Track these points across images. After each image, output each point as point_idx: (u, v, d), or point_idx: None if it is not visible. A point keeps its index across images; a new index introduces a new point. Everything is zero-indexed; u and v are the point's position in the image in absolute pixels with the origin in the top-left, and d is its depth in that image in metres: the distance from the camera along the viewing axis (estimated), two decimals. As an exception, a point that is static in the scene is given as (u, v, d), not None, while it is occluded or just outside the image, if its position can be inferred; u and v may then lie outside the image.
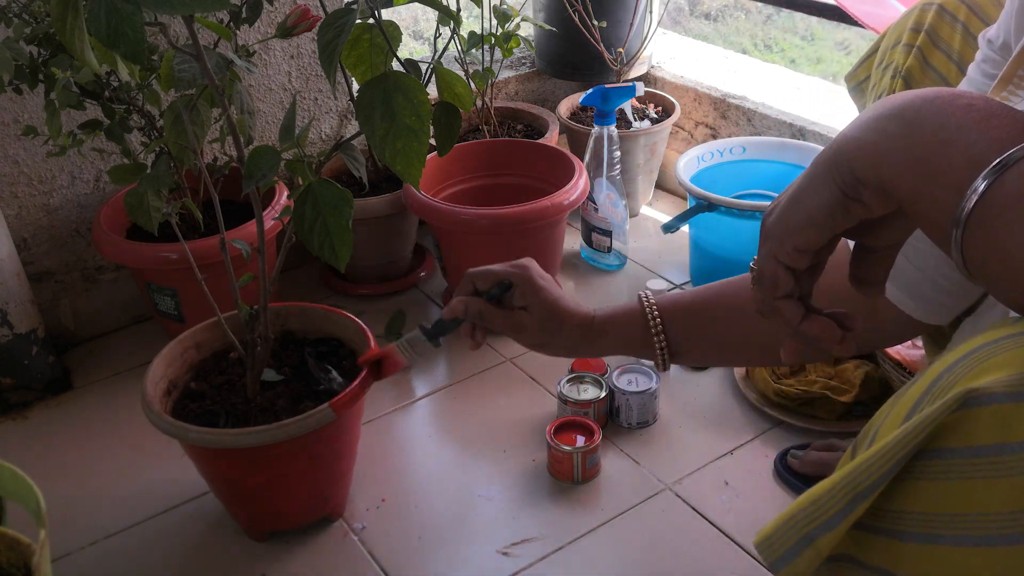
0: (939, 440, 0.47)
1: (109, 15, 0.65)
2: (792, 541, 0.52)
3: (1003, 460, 0.45)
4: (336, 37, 0.73)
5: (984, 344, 0.49)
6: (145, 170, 0.98)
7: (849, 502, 0.49)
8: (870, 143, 0.50)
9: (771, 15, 3.63)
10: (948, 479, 0.47)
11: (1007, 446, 0.45)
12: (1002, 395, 0.45)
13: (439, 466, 1.20)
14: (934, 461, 0.48)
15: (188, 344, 1.09)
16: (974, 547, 0.46)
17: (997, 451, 0.45)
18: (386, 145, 0.76)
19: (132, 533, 1.11)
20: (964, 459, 0.46)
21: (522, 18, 1.53)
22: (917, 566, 0.49)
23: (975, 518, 0.46)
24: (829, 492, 0.50)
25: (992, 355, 0.48)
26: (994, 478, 0.45)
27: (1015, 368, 0.46)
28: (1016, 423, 0.45)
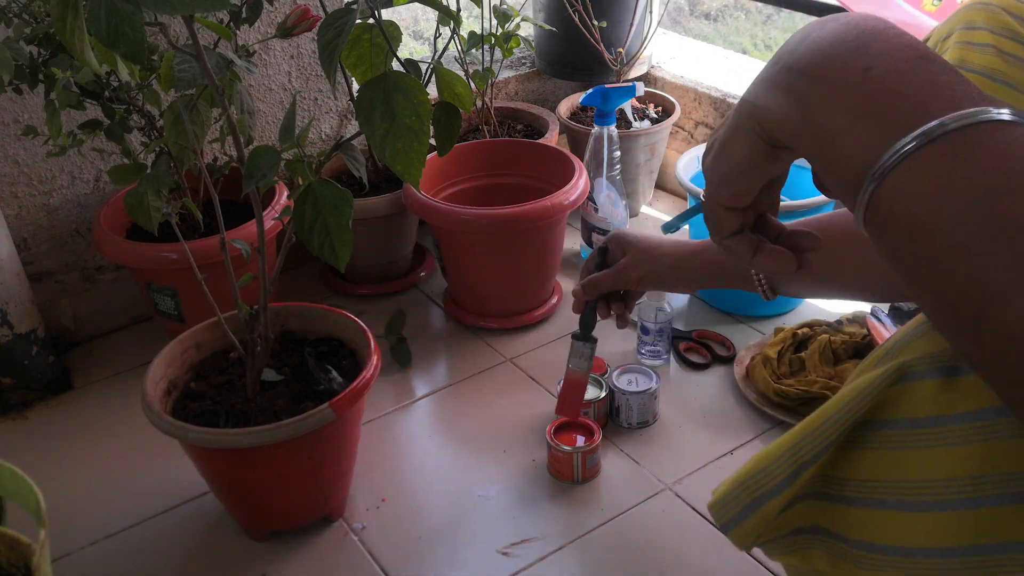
0: (881, 411, 0.50)
1: (109, 15, 0.65)
2: (741, 505, 0.55)
3: (939, 431, 0.47)
4: (336, 37, 0.73)
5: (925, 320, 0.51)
6: (145, 170, 0.98)
7: (794, 471, 0.52)
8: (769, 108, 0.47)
9: (771, 15, 3.63)
10: (891, 448, 0.49)
11: (942, 418, 0.47)
12: (932, 370, 0.48)
13: (439, 466, 1.20)
14: (879, 432, 0.50)
15: (188, 344, 1.09)
16: (915, 512, 0.48)
17: (932, 423, 0.48)
18: (386, 145, 0.76)
19: (132, 533, 1.11)
20: (904, 430, 0.49)
21: (522, 18, 1.53)
22: (866, 529, 0.51)
23: (913, 484, 0.48)
24: (776, 461, 0.53)
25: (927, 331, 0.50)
26: (930, 447, 0.47)
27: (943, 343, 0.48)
28: (946, 397, 0.47)
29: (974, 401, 0.46)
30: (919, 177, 0.39)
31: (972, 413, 0.46)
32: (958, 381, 0.47)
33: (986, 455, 0.46)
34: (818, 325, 1.31)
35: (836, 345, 1.25)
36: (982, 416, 0.46)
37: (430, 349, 1.42)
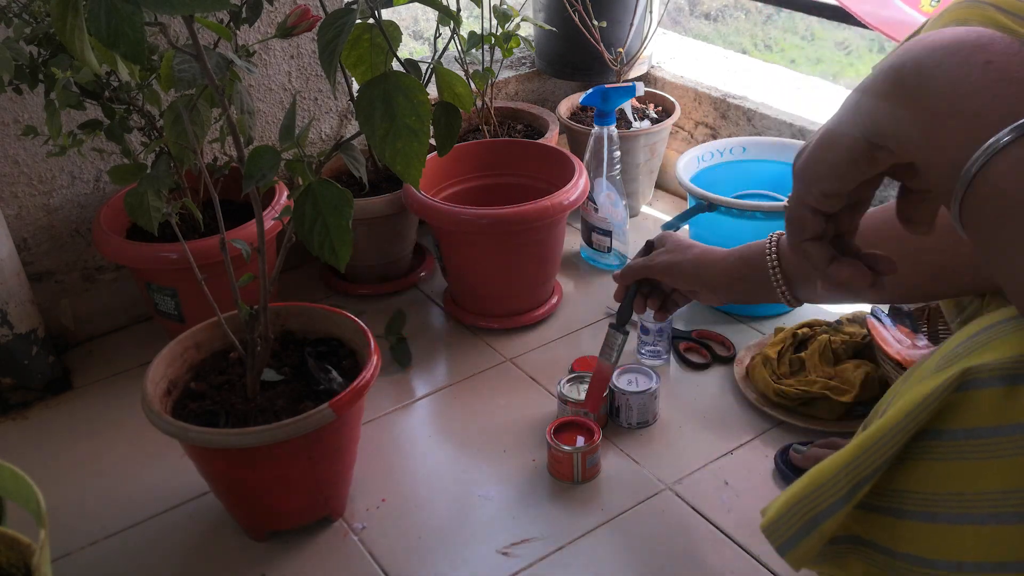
0: (937, 422, 0.48)
1: (109, 15, 0.65)
2: (797, 526, 0.53)
3: (996, 441, 0.46)
4: (336, 37, 0.73)
5: (988, 326, 0.50)
6: (145, 170, 0.98)
7: (852, 488, 0.50)
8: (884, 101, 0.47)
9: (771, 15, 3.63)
10: (946, 459, 0.48)
11: (1001, 428, 0.46)
12: (996, 379, 0.47)
13: (439, 466, 1.20)
14: (933, 442, 0.49)
15: (188, 344, 1.09)
16: (969, 525, 0.47)
17: (991, 433, 0.47)
18: (386, 145, 0.76)
19: (132, 533, 1.11)
20: (960, 440, 0.48)
21: (522, 18, 1.53)
22: (916, 543, 0.50)
23: (971, 497, 0.47)
24: (833, 478, 0.51)
25: (992, 338, 0.49)
26: (988, 459, 0.46)
27: (1011, 350, 0.47)
28: (1009, 406, 0.46)
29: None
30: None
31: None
32: (1021, 390, 0.46)
33: None
34: (818, 325, 1.31)
35: (836, 345, 1.25)
36: None
37: (430, 349, 1.42)
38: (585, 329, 1.44)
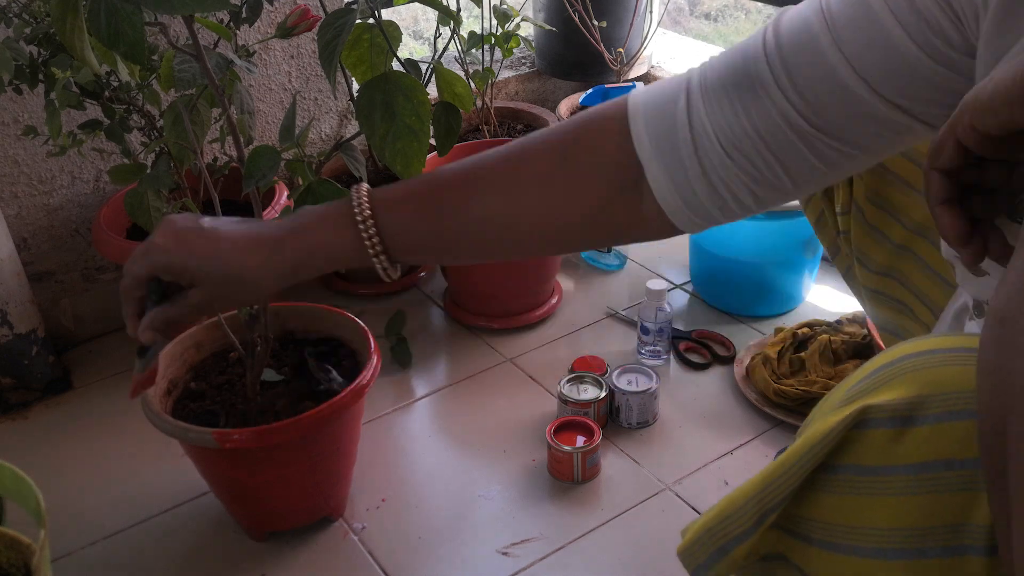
0: (835, 456, 0.50)
1: (109, 15, 0.65)
2: (708, 552, 0.56)
3: (883, 480, 0.48)
4: (336, 37, 0.73)
5: (887, 363, 0.51)
6: (145, 170, 0.98)
7: (759, 517, 0.53)
8: None
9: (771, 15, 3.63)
10: (841, 493, 0.50)
11: (886, 468, 0.48)
12: (887, 419, 0.48)
13: (439, 466, 1.20)
14: (831, 476, 0.51)
15: (188, 344, 1.09)
16: (861, 558, 0.49)
17: (878, 472, 0.48)
18: (386, 145, 0.76)
19: (132, 533, 1.11)
20: (852, 476, 0.50)
21: (522, 18, 1.53)
22: (821, 569, 0.52)
23: (863, 531, 0.49)
24: (742, 507, 0.54)
25: (890, 377, 0.50)
26: (875, 495, 0.48)
27: (908, 391, 0.48)
28: (895, 448, 0.48)
29: (922, 453, 0.47)
30: None
31: (919, 465, 0.47)
32: (910, 432, 0.48)
33: (931, 507, 0.46)
34: (818, 325, 1.31)
35: (836, 345, 1.25)
36: (929, 469, 0.47)
37: (430, 349, 1.42)
38: (585, 329, 1.44)
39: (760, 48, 0.63)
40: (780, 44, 0.62)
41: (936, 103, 0.60)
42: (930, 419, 0.47)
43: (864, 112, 0.60)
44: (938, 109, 0.60)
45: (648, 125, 0.66)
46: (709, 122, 0.63)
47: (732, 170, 0.64)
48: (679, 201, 0.66)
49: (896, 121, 0.61)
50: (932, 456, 0.47)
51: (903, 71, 0.58)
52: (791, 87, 0.61)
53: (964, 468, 0.46)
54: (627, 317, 1.46)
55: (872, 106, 0.60)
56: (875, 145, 0.63)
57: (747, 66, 0.62)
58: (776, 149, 0.63)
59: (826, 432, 0.50)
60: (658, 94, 0.66)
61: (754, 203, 0.66)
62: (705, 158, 0.64)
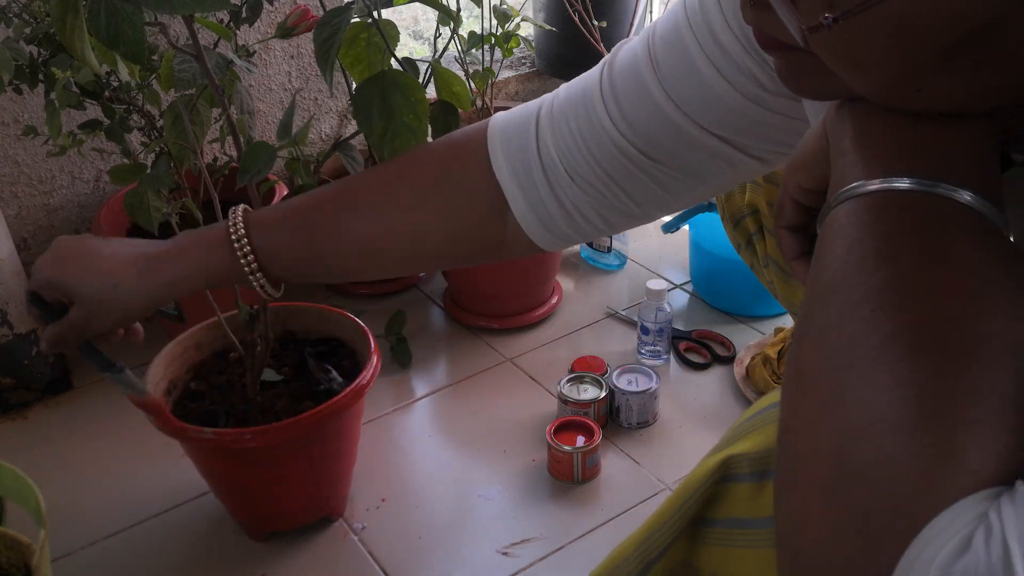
0: (711, 509, 0.53)
1: (109, 15, 0.65)
2: None
3: (753, 532, 0.50)
4: (332, 35, 0.73)
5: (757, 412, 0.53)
6: (145, 170, 0.98)
7: (643, 568, 0.55)
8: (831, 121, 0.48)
9: (771, 15, 3.63)
10: (721, 544, 0.52)
11: (754, 521, 0.50)
12: (748, 474, 0.50)
13: (439, 466, 1.20)
14: (710, 529, 0.53)
15: (188, 344, 1.09)
16: None
17: (748, 524, 0.50)
18: (384, 143, 0.76)
19: (132, 533, 1.11)
20: (729, 528, 0.52)
21: (522, 18, 1.53)
22: None
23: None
24: (626, 560, 0.56)
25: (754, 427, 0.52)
26: (748, 547, 0.50)
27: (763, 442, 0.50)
28: (758, 501, 0.50)
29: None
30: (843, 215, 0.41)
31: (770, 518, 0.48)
32: (767, 485, 0.49)
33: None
34: (818, 325, 1.30)
35: (836, 345, 1.24)
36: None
37: (430, 349, 1.42)
38: (585, 329, 1.44)
39: (597, 78, 0.66)
40: (612, 75, 0.65)
41: (757, 137, 0.62)
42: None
43: (691, 142, 0.63)
44: (762, 144, 0.63)
45: (505, 149, 0.68)
46: (554, 148, 0.66)
47: (579, 194, 0.67)
48: (536, 221, 0.69)
49: (725, 152, 0.63)
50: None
51: (718, 105, 0.61)
52: (620, 117, 0.64)
53: None
54: (627, 317, 1.46)
55: (696, 137, 0.63)
56: (711, 174, 0.65)
57: (585, 96, 0.66)
58: (615, 175, 0.65)
59: (696, 485, 0.52)
60: (514, 120, 0.69)
61: (604, 224, 0.69)
62: (554, 182, 0.67)
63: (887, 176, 0.40)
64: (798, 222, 0.53)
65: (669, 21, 0.63)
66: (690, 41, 0.61)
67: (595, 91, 0.65)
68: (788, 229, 0.53)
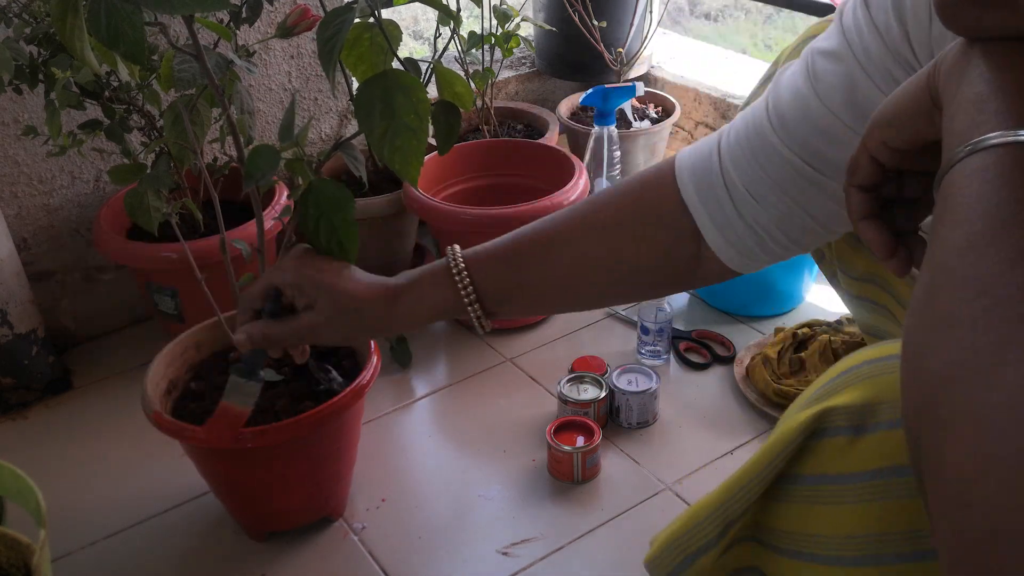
0: (796, 466, 0.52)
1: (109, 15, 0.65)
2: (676, 561, 0.58)
3: (841, 489, 0.50)
4: (334, 35, 0.73)
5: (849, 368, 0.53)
6: (145, 170, 0.98)
7: (723, 528, 0.55)
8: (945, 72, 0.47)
9: (771, 15, 3.63)
10: (803, 502, 0.52)
11: (843, 477, 0.50)
12: (843, 428, 0.50)
13: (439, 466, 1.20)
14: (793, 486, 0.53)
15: (188, 344, 1.09)
16: (824, 566, 0.51)
17: (836, 480, 0.50)
18: (385, 143, 0.76)
19: (132, 533, 1.11)
20: (813, 486, 0.52)
21: (522, 18, 1.53)
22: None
23: (822, 539, 0.51)
24: (707, 518, 0.56)
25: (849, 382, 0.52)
26: (835, 504, 0.50)
27: (863, 396, 0.50)
28: (851, 456, 0.49)
29: (875, 461, 0.48)
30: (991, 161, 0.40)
31: (871, 472, 0.48)
32: (863, 440, 0.49)
33: (884, 514, 0.48)
34: (818, 325, 1.31)
35: (836, 345, 1.24)
36: (881, 475, 0.48)
37: (430, 349, 1.42)
38: (585, 329, 1.44)
39: (763, 108, 0.69)
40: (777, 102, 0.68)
41: None
42: (882, 426, 0.49)
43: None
44: None
45: (693, 179, 0.73)
46: (736, 175, 0.70)
47: (761, 212, 0.70)
48: (724, 241, 0.72)
49: None
50: (882, 463, 0.48)
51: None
52: (789, 138, 0.66)
53: (910, 475, 0.47)
54: (627, 317, 1.46)
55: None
56: None
57: (756, 125, 0.69)
58: (790, 191, 0.68)
59: (785, 441, 0.52)
60: (697, 155, 0.74)
61: (789, 241, 0.71)
62: (738, 201, 0.70)
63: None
64: (872, 181, 0.51)
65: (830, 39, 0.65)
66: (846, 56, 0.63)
67: (763, 119, 0.68)
68: (859, 188, 0.52)
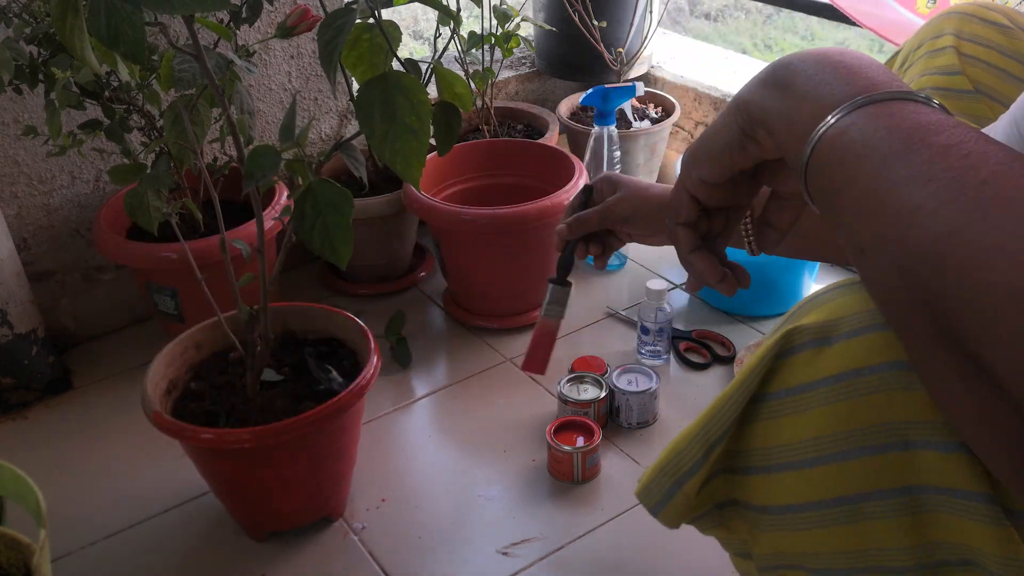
0: (765, 385, 0.56)
1: (109, 15, 0.65)
2: (664, 489, 0.62)
3: (806, 396, 0.54)
4: (336, 37, 0.73)
5: (814, 295, 0.58)
6: (145, 170, 0.98)
7: (706, 450, 0.59)
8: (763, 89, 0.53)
9: (771, 15, 3.63)
10: (773, 418, 0.56)
11: (809, 384, 0.54)
12: (808, 342, 0.54)
13: (439, 466, 1.20)
14: (762, 404, 0.56)
15: (188, 344, 1.09)
16: (791, 472, 0.55)
17: (802, 389, 0.54)
18: (386, 145, 0.76)
19: (132, 533, 1.11)
20: (782, 399, 0.55)
21: (522, 18, 1.53)
22: (759, 494, 0.58)
23: (792, 447, 0.55)
24: (689, 444, 0.60)
25: (814, 306, 0.56)
26: (801, 412, 0.54)
27: (823, 315, 0.54)
28: (816, 365, 0.53)
29: (837, 365, 0.52)
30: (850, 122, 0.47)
31: (834, 376, 0.52)
32: (826, 350, 0.53)
33: (850, 413, 0.52)
34: (818, 325, 1.31)
35: (836, 345, 1.25)
36: (843, 378, 0.52)
37: (430, 349, 1.42)
38: (585, 329, 1.44)
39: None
40: None
41: None
42: (843, 336, 0.53)
43: None
44: None
45: None
46: None
47: None
48: None
49: None
50: (845, 367, 0.52)
51: None
52: None
53: (873, 373, 0.51)
54: (627, 317, 1.46)
55: None
56: None
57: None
58: None
59: (755, 363, 0.56)
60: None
61: None
62: None
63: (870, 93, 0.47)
64: (693, 218, 0.58)
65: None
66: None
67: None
68: (683, 226, 0.59)
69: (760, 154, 0.55)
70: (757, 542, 0.59)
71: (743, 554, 0.64)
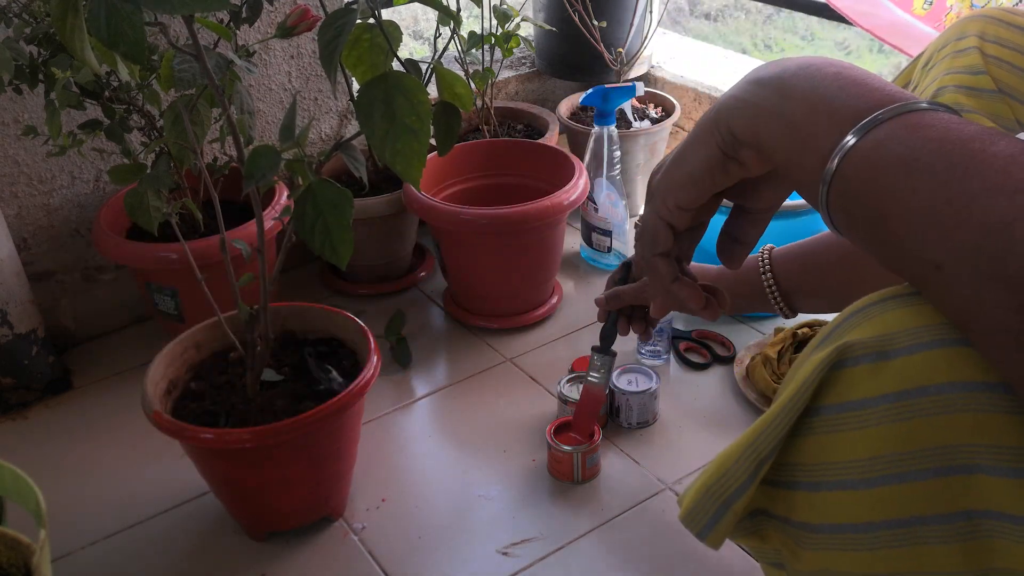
0: (818, 399, 0.54)
1: (109, 15, 0.65)
2: (712, 511, 0.58)
3: (863, 414, 0.51)
4: (336, 37, 0.73)
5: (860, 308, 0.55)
6: (145, 170, 0.98)
7: (755, 468, 0.56)
8: (749, 105, 0.53)
9: (771, 15, 3.63)
10: (825, 433, 0.53)
11: (866, 401, 0.51)
12: (864, 356, 0.52)
13: (439, 466, 1.20)
14: (814, 419, 0.54)
15: (188, 344, 1.09)
16: (843, 491, 0.52)
17: (859, 406, 0.52)
18: (386, 145, 0.76)
19: (132, 533, 1.11)
20: (835, 415, 0.53)
21: (522, 18, 1.53)
22: (802, 510, 0.55)
23: (844, 465, 0.52)
24: (736, 462, 0.57)
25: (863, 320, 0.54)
26: (857, 429, 0.52)
27: (877, 330, 0.52)
28: (873, 381, 0.51)
29: (899, 382, 0.50)
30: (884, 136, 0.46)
31: (895, 394, 0.50)
32: (885, 365, 0.51)
33: (908, 433, 0.50)
34: (818, 325, 1.31)
35: (836, 345, 1.24)
36: (905, 396, 0.50)
37: (430, 349, 1.42)
38: (585, 329, 1.44)
39: None
40: None
41: None
42: (902, 352, 0.51)
43: None
44: None
45: None
46: None
47: None
48: None
49: None
50: (907, 385, 0.50)
51: None
52: None
53: (938, 393, 0.49)
54: (627, 317, 1.46)
55: None
56: None
57: None
58: None
59: (808, 375, 0.54)
60: None
61: None
62: None
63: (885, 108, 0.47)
64: (672, 244, 0.58)
65: None
66: None
67: None
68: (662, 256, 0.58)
69: (743, 174, 0.54)
70: (798, 559, 0.57)
71: (776, 564, 0.62)
